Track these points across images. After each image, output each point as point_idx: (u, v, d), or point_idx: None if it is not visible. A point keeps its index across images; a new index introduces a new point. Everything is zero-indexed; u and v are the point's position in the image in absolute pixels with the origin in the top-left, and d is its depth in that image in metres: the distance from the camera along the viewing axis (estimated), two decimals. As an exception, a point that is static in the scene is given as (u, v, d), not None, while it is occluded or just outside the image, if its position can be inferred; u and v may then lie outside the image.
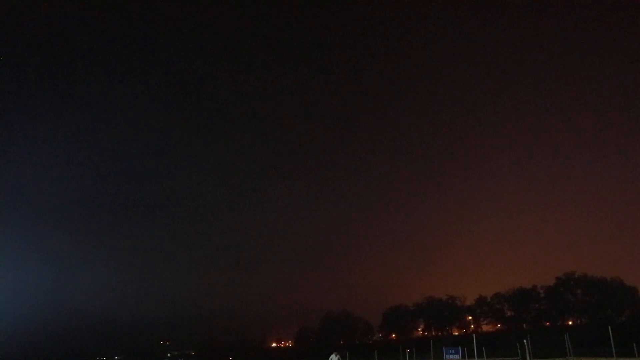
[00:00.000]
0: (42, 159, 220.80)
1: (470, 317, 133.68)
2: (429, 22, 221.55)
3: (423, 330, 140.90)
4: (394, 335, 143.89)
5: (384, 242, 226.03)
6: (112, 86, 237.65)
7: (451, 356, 52.64)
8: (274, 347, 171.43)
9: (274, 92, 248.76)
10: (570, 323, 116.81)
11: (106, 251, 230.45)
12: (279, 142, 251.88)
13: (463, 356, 53.24)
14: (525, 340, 45.94)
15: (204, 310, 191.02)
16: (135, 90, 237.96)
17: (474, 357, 48.52)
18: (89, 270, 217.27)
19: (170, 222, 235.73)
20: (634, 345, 45.21)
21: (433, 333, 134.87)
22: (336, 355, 25.91)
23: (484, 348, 50.48)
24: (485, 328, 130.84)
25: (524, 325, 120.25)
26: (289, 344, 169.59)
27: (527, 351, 44.80)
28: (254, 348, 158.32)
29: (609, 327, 42.25)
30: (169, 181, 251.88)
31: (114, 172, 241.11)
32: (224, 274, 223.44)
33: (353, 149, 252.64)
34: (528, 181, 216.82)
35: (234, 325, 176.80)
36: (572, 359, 45.91)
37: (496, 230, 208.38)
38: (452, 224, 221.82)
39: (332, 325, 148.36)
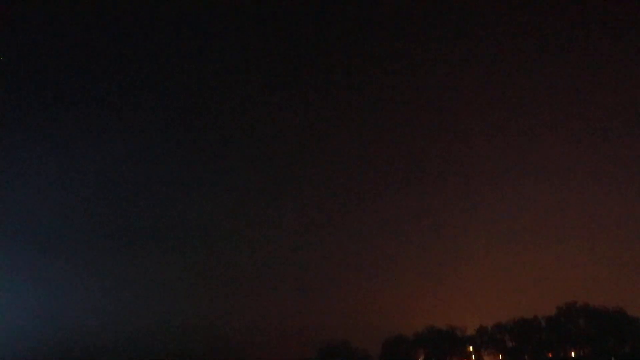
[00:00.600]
0: (40, 182, 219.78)
1: (471, 348, 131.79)
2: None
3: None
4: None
5: (384, 270, 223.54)
6: (111, 111, 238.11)
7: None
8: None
9: (275, 115, 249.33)
10: (572, 354, 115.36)
11: (101, 276, 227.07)
12: (278, 167, 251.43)
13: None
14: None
15: (196, 339, 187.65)
16: (134, 115, 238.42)
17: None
18: (84, 295, 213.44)
19: (164, 248, 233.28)
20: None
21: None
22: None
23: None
24: (487, 359, 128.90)
25: (526, 357, 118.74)
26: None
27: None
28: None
29: (612, 358, 41.56)
30: (166, 206, 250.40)
31: (113, 195, 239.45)
32: (217, 301, 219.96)
33: (354, 177, 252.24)
34: (528, 209, 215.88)
35: (226, 356, 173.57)
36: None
37: (497, 258, 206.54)
38: (453, 252, 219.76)
39: (330, 356, 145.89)
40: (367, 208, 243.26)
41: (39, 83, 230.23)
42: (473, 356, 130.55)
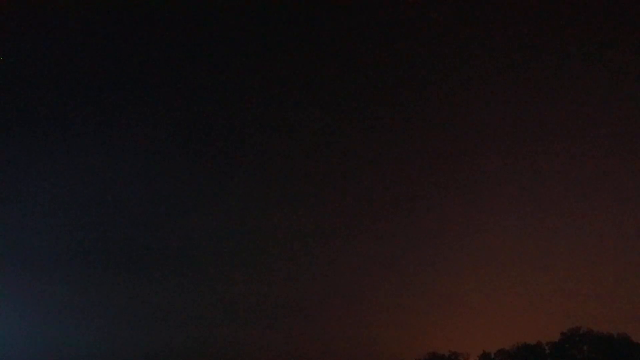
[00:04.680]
0: (36, 199, 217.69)
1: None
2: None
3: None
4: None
5: (384, 295, 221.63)
6: (114, 126, 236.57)
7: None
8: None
9: (283, 131, 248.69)
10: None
11: (101, 302, 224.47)
12: (290, 184, 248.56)
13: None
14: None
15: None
16: (140, 132, 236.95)
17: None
18: (81, 322, 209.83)
19: (169, 275, 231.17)
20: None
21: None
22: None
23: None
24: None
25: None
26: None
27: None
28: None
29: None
30: (171, 232, 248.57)
31: (116, 219, 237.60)
32: (219, 329, 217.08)
33: (357, 205, 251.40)
34: (532, 234, 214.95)
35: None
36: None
37: (500, 283, 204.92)
38: (456, 277, 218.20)
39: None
40: (367, 233, 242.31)
41: (33, 98, 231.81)
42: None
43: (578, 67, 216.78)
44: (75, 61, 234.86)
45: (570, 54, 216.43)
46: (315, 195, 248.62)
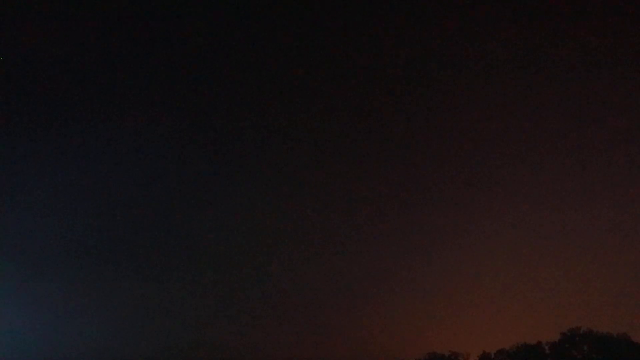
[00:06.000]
0: (40, 206, 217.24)
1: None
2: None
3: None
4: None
5: (383, 294, 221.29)
6: (115, 125, 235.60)
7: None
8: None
9: (288, 131, 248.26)
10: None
11: (101, 302, 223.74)
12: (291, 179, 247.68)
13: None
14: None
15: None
16: (141, 131, 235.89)
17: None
18: (82, 322, 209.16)
19: (170, 275, 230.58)
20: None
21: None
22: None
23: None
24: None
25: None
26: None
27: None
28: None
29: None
30: (172, 232, 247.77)
31: (116, 218, 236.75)
32: (219, 329, 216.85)
33: (357, 205, 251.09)
34: (531, 234, 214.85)
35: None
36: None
37: (499, 283, 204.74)
38: (455, 277, 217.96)
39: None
40: (367, 233, 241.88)
41: (33, 95, 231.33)
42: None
43: (578, 66, 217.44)
44: (75, 61, 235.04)
45: (569, 54, 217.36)
46: (316, 196, 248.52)
